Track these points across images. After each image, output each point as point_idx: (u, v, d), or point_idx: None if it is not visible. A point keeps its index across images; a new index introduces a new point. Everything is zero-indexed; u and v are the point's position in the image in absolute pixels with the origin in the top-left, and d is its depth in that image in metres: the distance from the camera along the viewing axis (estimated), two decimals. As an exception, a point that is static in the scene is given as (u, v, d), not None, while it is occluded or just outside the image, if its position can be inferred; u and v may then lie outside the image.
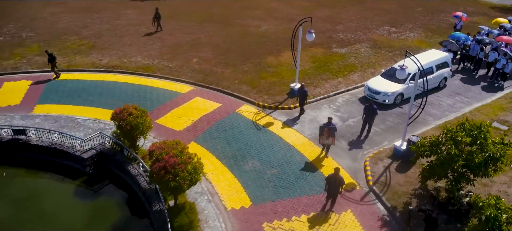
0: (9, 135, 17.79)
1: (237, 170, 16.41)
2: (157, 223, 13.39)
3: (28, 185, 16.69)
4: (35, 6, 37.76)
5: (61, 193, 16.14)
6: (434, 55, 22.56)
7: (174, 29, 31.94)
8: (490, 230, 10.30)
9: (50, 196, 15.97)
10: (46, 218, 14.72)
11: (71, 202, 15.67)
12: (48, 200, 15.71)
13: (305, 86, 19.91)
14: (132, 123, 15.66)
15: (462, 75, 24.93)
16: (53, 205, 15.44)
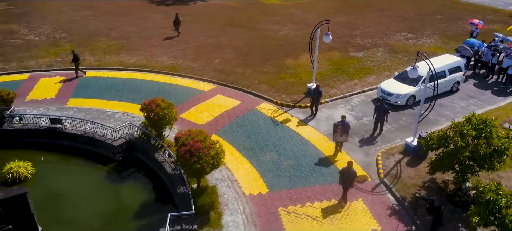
0: (46, 124, 19.37)
1: (255, 161, 17.51)
2: (181, 204, 14.56)
3: (63, 169, 18.14)
4: (67, 9, 39.95)
5: (93, 177, 17.52)
6: (447, 60, 23.25)
7: (198, 32, 33.45)
8: (490, 212, 11.06)
9: (83, 179, 17.37)
10: (80, 199, 16.09)
11: (102, 185, 17.00)
12: (81, 183, 17.11)
13: (320, 86, 20.90)
14: (160, 114, 16.97)
15: (476, 81, 25.45)
16: (86, 187, 16.82)
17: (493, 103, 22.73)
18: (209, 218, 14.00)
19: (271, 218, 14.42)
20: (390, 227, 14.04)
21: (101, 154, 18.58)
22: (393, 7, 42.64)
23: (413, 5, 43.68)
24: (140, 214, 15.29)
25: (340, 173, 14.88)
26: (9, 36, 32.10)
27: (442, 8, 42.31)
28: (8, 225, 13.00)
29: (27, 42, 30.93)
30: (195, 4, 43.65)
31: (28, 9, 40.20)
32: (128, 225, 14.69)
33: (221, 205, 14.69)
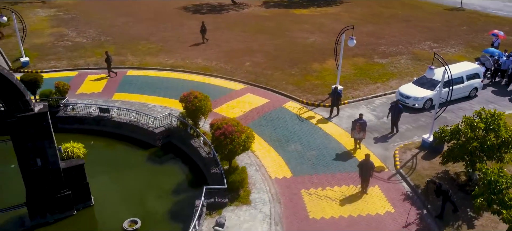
0: (96, 113, 21.77)
1: (281, 150, 19.19)
2: (213, 182, 16.35)
3: (110, 152, 20.38)
4: (109, 16, 43.23)
5: (136, 159, 19.60)
6: (465, 66, 24.31)
7: (230, 38, 35.66)
8: (492, 192, 12.28)
9: (128, 160, 19.51)
10: (124, 176, 18.20)
11: (144, 166, 19.06)
12: (126, 163, 19.25)
13: (338, 88, 22.33)
14: (197, 104, 18.97)
15: (494, 88, 26.23)
16: (130, 167, 18.94)
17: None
18: (239, 194, 15.76)
19: (294, 198, 16.02)
20: (403, 210, 15.35)
21: (143, 140, 20.71)
22: (420, 18, 43.63)
23: (440, 17, 44.51)
24: (177, 190, 17.23)
25: (359, 165, 16.30)
26: (60, 38, 35.32)
27: (469, 20, 42.93)
28: (68, 191, 15.23)
29: (75, 44, 33.98)
30: (228, 13, 46.12)
31: (75, 15, 43.75)
32: (166, 198, 16.61)
33: (249, 185, 16.43)
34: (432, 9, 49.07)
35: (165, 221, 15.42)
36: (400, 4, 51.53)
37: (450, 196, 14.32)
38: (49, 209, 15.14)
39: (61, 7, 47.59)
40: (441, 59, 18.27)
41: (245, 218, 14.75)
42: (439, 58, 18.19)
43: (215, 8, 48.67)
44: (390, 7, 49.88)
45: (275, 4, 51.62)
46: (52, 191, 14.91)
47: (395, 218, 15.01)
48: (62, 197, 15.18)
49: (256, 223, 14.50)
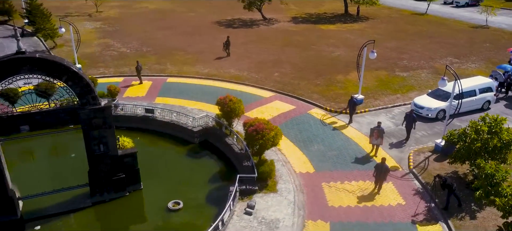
0: (142, 113, 24.69)
1: (305, 149, 21.43)
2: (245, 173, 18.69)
3: (154, 146, 23.11)
4: (150, 29, 46.93)
5: (177, 153, 22.27)
6: (478, 80, 25.90)
7: (261, 50, 38.36)
8: (488, 184, 14.10)
9: (170, 154, 22.21)
10: (167, 166, 20.86)
11: (184, 159, 21.69)
12: (168, 156, 21.96)
13: (354, 98, 24.42)
14: (231, 106, 21.53)
15: (507, 102, 27.53)
16: (172, 159, 21.63)
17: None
18: (267, 183, 18.07)
19: (316, 189, 18.19)
20: (412, 203, 17.24)
21: (183, 138, 23.39)
22: (444, 35, 45.08)
23: (464, 34, 45.81)
24: (213, 179, 19.74)
25: (375, 167, 18.24)
26: (106, 48, 39.00)
27: (493, 38, 44.05)
28: (122, 174, 17.98)
29: (120, 53, 37.50)
30: (258, 28, 49.02)
31: (119, 28, 47.71)
32: (204, 186, 19.10)
33: (276, 177, 18.71)
34: (457, 26, 50.35)
35: (203, 203, 17.89)
36: (426, 22, 53.07)
37: (454, 190, 16.14)
38: (107, 189, 17.92)
39: (105, 20, 51.82)
40: (453, 71, 20.16)
41: (272, 203, 17.03)
42: (451, 71, 20.08)
43: (247, 22, 51.73)
44: (416, 24, 51.52)
45: (303, 19, 54.23)
46: (109, 173, 17.69)
47: (405, 209, 16.92)
48: (118, 179, 17.94)
49: (282, 207, 16.76)
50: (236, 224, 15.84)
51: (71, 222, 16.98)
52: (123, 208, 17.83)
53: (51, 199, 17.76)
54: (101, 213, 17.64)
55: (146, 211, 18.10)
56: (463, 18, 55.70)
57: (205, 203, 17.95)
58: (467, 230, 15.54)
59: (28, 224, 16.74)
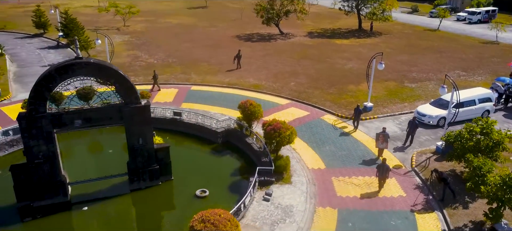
0: (170, 115, 27.45)
1: (317, 149, 23.77)
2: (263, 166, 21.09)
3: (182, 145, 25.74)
4: (174, 42, 50.20)
5: (202, 151, 24.86)
6: (478, 91, 27.88)
7: (278, 62, 41.03)
8: (476, 175, 16.20)
9: (196, 152, 24.84)
10: (194, 161, 23.46)
11: (208, 156, 24.27)
12: (195, 153, 24.59)
13: (360, 106, 26.68)
14: (252, 110, 24.08)
15: (506, 113, 29.30)
16: (198, 156, 24.24)
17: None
18: (283, 176, 20.47)
19: (326, 182, 20.48)
20: (412, 195, 19.36)
21: (207, 138, 26.00)
22: (454, 50, 47.04)
23: (474, 49, 47.64)
24: (235, 173, 22.25)
25: (377, 167, 20.40)
26: (135, 59, 42.27)
27: (502, 53, 45.77)
28: (156, 166, 20.62)
29: (148, 64, 40.66)
30: (276, 42, 51.84)
31: (145, 41, 51.15)
32: (227, 178, 21.60)
33: (291, 171, 21.09)
34: (467, 42, 52.19)
35: (227, 192, 20.37)
36: (438, 37, 55.04)
37: (449, 183, 18.24)
38: (143, 178, 20.56)
39: (133, 34, 55.47)
40: (452, 81, 22.33)
41: (287, 192, 19.40)
42: (450, 80, 22.26)
43: (265, 37, 54.66)
44: (428, 39, 53.57)
45: (318, 34, 56.87)
46: (146, 164, 20.36)
47: (406, 200, 19.06)
48: (153, 170, 20.58)
49: (295, 196, 19.11)
50: (256, 208, 18.25)
51: (113, 205, 19.64)
52: (157, 195, 20.43)
53: (95, 185, 20.53)
54: (138, 198, 20.26)
55: (176, 198, 20.66)
56: (474, 34, 57.46)
57: (229, 192, 20.42)
58: (460, 217, 17.58)
59: (76, 206, 19.49)
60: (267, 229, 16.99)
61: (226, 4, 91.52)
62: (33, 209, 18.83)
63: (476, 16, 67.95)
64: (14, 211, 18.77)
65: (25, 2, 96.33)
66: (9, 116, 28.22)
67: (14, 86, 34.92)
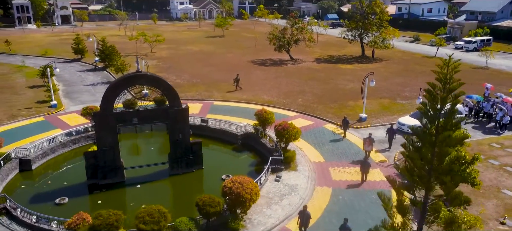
0: (198, 122, 33.43)
1: (318, 148, 29.37)
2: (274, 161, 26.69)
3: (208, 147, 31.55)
4: (197, 66, 56.85)
5: (225, 150, 30.66)
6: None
7: (288, 83, 47.12)
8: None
9: (219, 151, 30.64)
10: (217, 158, 29.24)
11: (230, 154, 30.01)
12: (219, 152, 30.40)
13: (347, 117, 32.22)
14: (266, 116, 29.93)
15: (475, 124, 34.58)
16: (221, 154, 30.04)
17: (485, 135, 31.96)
18: (290, 165, 26.07)
19: (324, 170, 26.01)
20: (391, 180, 24.68)
21: (229, 140, 31.80)
22: (446, 74, 52.47)
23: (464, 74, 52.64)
24: (252, 164, 27.94)
25: (360, 163, 25.84)
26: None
27: (489, 77, 51.12)
28: (191, 156, 26.43)
29: (176, 84, 47.05)
30: (287, 66, 58.13)
31: (171, 65, 57.93)
32: (246, 168, 27.27)
33: (296, 162, 26.67)
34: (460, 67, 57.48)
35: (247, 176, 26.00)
36: (434, 63, 60.54)
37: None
38: (180, 166, 26.33)
39: (159, 59, 62.45)
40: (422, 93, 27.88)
41: (293, 176, 24.96)
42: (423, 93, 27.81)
43: (276, 62, 61.06)
44: (424, 65, 59.29)
45: (325, 60, 63.09)
46: (183, 155, 26.18)
47: (386, 183, 24.38)
48: (188, 159, 26.38)
49: (300, 179, 24.66)
50: (268, 186, 23.86)
51: (158, 185, 25.42)
52: (191, 178, 26.15)
53: (144, 170, 26.44)
54: (176, 180, 25.98)
55: (206, 180, 26.35)
56: (468, 60, 62.90)
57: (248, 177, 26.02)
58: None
59: (130, 185, 25.31)
60: (277, 199, 22.54)
61: (241, 34, 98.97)
62: (99, 186, 24.73)
63: (472, 45, 73.54)
64: (84, 187, 24.70)
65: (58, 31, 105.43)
66: (67, 122, 34.60)
67: (65, 101, 41.50)
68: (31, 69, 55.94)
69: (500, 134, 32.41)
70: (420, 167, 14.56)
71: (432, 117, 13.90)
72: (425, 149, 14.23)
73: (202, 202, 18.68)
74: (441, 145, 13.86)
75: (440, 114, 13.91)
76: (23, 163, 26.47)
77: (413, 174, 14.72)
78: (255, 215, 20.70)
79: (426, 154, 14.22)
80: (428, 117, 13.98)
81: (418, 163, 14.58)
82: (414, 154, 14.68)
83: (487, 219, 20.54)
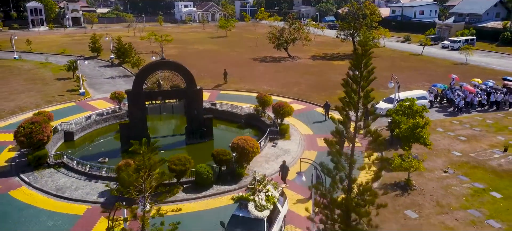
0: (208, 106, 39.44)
1: (309, 125, 35.37)
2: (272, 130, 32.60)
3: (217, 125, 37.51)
4: (204, 62, 62.95)
5: (231, 128, 36.63)
6: (416, 92, 39.36)
7: (285, 76, 53.17)
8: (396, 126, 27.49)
9: (227, 128, 36.63)
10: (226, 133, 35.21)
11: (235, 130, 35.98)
12: (226, 129, 36.38)
13: (328, 101, 38.15)
14: (265, 98, 35.93)
15: (438, 108, 40.48)
16: (227, 130, 36.01)
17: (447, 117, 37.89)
18: (284, 136, 32.05)
19: (312, 140, 31.99)
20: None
21: (234, 120, 37.79)
22: (428, 69, 58.54)
23: (445, 69, 59.06)
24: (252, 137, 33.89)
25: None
26: (175, 73, 54.87)
27: (466, 72, 57.01)
28: (204, 129, 32.48)
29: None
30: (284, 63, 64.21)
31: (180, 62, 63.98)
32: (249, 140, 33.26)
33: (290, 133, 32.65)
34: (442, 64, 63.71)
35: (248, 144, 32.02)
36: (419, 60, 66.70)
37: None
38: (195, 137, 32.29)
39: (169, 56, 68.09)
40: (396, 79, 33.87)
41: (287, 144, 30.94)
42: (393, 80, 33.81)
43: (276, 59, 67.13)
44: (410, 61, 65.29)
45: (320, 57, 69.17)
46: (198, 127, 32.16)
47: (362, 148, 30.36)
48: (202, 131, 32.36)
49: (292, 145, 30.64)
50: (267, 150, 29.86)
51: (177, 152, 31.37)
52: (204, 146, 32.07)
53: (165, 140, 32.44)
54: (192, 148, 31.89)
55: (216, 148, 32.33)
56: (451, 58, 68.94)
57: (250, 145, 32.03)
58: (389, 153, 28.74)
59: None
60: (274, 158, 28.55)
61: (243, 35, 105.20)
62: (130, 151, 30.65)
63: (457, 44, 79.43)
64: (118, 152, 30.69)
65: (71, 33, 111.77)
66: (96, 106, 40.66)
67: (90, 90, 47.58)
68: (54, 65, 62.16)
69: (457, 115, 38.43)
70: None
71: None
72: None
73: (217, 152, 24.71)
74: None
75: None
76: (67, 135, 32.51)
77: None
78: (256, 167, 26.67)
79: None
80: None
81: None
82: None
83: (434, 169, 26.53)
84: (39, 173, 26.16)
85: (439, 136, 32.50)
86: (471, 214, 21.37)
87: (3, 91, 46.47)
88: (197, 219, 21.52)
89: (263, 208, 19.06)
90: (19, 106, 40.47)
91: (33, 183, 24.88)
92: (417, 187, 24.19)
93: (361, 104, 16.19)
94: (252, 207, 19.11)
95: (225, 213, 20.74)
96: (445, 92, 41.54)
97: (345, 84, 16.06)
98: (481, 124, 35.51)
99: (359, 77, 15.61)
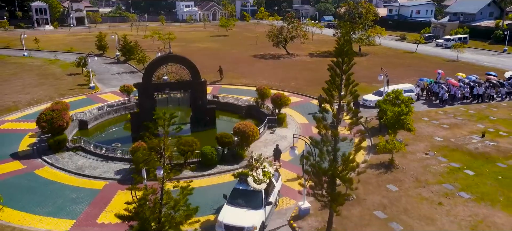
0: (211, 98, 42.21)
1: (305, 115, 38.15)
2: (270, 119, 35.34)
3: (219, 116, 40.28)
4: (207, 59, 65.78)
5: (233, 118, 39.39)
6: (404, 85, 42.09)
7: (284, 72, 55.97)
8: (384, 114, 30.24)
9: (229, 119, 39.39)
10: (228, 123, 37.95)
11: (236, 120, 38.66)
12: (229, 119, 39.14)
13: (322, 95, 40.89)
14: (264, 91, 38.71)
15: (424, 101, 43.25)
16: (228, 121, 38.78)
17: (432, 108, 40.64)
18: (282, 124, 34.84)
19: (307, 128, 34.76)
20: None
21: (235, 111, 40.55)
22: (420, 65, 61.29)
23: (436, 65, 61.77)
24: (253, 126, 36.72)
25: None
26: (179, 69, 57.68)
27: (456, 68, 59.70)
28: (208, 118, 35.30)
29: (189, 72, 55.82)
30: (283, 60, 67.02)
31: (183, 58, 66.80)
32: (249, 128, 36.06)
33: (287, 122, 35.44)
34: (434, 60, 66.47)
35: (249, 132, 34.81)
36: (412, 57, 69.47)
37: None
38: (199, 125, 35.06)
39: (172, 54, 71.23)
40: (385, 73, 36.65)
41: (284, 131, 33.73)
42: (383, 74, 36.59)
43: (275, 56, 69.92)
44: (403, 59, 68.06)
45: (317, 55, 71.97)
46: (202, 117, 34.92)
47: (352, 135, 33.13)
48: (205, 120, 35.13)
49: (289, 132, 33.44)
50: (265, 136, 32.67)
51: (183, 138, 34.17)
52: (208, 134, 34.86)
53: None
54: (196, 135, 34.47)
55: (219, 136, 35.16)
56: (444, 55, 71.70)
57: (250, 133, 34.81)
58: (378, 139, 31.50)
59: (163, 138, 34.05)
60: (272, 143, 31.32)
61: (243, 34, 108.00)
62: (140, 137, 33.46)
63: (451, 42, 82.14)
64: (129, 138, 33.47)
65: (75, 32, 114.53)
66: (106, 99, 43.45)
67: (99, 85, 50.37)
68: (63, 62, 65.00)
69: (441, 106, 41.13)
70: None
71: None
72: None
73: (220, 136, 27.53)
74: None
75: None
76: (82, 123, 35.30)
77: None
78: (255, 150, 29.44)
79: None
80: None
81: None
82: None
83: (417, 152, 29.32)
84: (60, 155, 28.96)
85: (424, 124, 35.28)
86: (445, 187, 24.15)
87: (18, 85, 49.30)
88: (203, 193, 24.28)
89: (260, 182, 21.80)
90: (34, 99, 43.29)
91: (55, 163, 27.68)
92: (399, 166, 26.96)
93: (343, 86, 18.81)
94: (251, 181, 21.87)
95: (228, 188, 23.49)
96: (430, 86, 44.32)
97: (330, 68, 18.66)
98: (464, 114, 38.30)
99: (342, 62, 18.22)
